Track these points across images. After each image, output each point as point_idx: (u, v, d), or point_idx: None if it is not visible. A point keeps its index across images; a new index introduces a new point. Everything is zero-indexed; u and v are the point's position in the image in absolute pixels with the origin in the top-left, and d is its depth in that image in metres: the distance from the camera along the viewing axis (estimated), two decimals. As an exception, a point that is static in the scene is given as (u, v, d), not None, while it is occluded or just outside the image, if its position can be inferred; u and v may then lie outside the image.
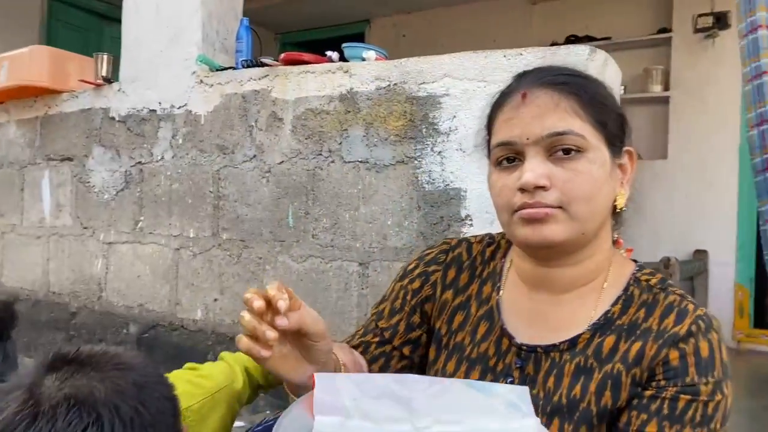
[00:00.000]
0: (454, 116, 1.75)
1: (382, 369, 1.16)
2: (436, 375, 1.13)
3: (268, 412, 1.90)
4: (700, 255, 4.76)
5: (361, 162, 1.91)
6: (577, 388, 0.97)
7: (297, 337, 0.89)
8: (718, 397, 0.90)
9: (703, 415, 0.89)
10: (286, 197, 2.08)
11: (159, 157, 2.44)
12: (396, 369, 1.17)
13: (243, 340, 0.82)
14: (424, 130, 1.80)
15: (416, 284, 1.17)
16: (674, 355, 0.92)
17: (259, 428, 1.08)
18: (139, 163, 2.51)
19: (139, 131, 2.52)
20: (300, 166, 2.05)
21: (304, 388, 0.90)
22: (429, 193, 1.78)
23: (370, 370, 1.14)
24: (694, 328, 0.92)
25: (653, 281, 1.01)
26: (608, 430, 0.96)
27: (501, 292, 1.11)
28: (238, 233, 2.19)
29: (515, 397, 0.79)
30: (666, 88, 4.84)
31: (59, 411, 0.70)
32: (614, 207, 1.02)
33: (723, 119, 4.55)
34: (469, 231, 1.70)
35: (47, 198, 2.85)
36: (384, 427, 0.75)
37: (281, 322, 0.82)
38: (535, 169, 0.93)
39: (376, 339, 1.16)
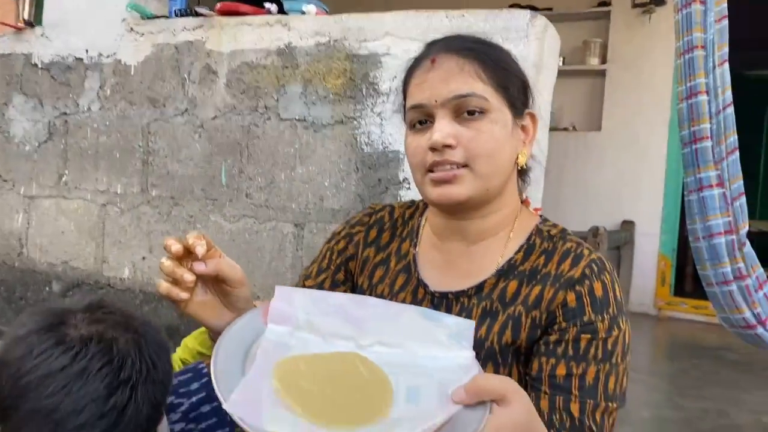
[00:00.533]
0: (395, 77, 1.72)
1: None
2: None
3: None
4: (628, 226, 4.94)
5: (298, 120, 1.87)
6: (483, 329, 1.04)
7: (216, 284, 0.93)
8: (615, 332, 0.97)
9: (603, 351, 0.96)
10: (219, 154, 2.01)
11: (85, 108, 2.31)
12: None
13: (162, 285, 0.88)
14: (364, 89, 1.77)
15: (341, 245, 1.24)
16: (571, 297, 0.99)
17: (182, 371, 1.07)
18: (64, 114, 2.37)
19: (64, 80, 2.38)
20: (234, 122, 1.98)
21: None
22: (367, 155, 1.76)
23: None
24: (587, 270, 0.99)
25: (554, 231, 1.10)
26: (519, 377, 1.00)
27: (417, 247, 1.19)
28: (168, 190, 2.12)
29: (459, 329, 0.84)
30: (603, 61, 4.94)
31: (86, 347, 0.82)
32: (520, 167, 1.09)
33: (657, 93, 4.68)
34: (407, 194, 1.70)
35: (-38, 148, 2.67)
36: (329, 341, 0.81)
37: (199, 267, 0.87)
38: (442, 129, 1.00)
39: None
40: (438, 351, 0.83)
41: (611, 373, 0.96)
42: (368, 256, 1.21)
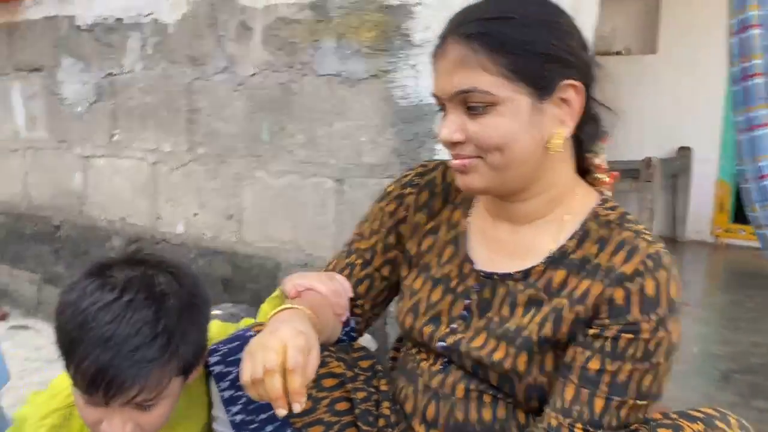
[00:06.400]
0: (428, 27, 1.69)
1: (368, 290, 1.24)
2: (405, 290, 1.20)
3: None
4: (684, 152, 4.78)
5: (334, 75, 1.87)
6: (526, 319, 1.03)
7: None
8: (661, 334, 0.93)
9: (644, 351, 0.93)
10: (260, 112, 2.04)
11: (129, 69, 2.37)
12: (379, 289, 1.25)
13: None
14: (397, 42, 1.75)
15: (392, 206, 1.24)
16: (619, 294, 0.95)
17: (230, 337, 1.14)
18: (110, 74, 2.44)
19: (108, 41, 2.43)
20: (272, 79, 2.00)
21: None
22: (403, 109, 1.76)
23: (357, 293, 1.24)
24: (641, 267, 0.94)
25: (612, 216, 1.03)
26: (555, 362, 1.01)
27: (469, 218, 1.17)
28: (214, 148, 2.18)
29: None
30: (659, -22, 4.66)
31: (130, 284, 0.94)
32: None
33: (716, 13, 4.41)
34: (443, 149, 1.69)
35: (20, 110, 2.79)
36: None
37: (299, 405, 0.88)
38: (449, 125, 0.98)
39: (359, 261, 1.25)
40: None
41: (648, 372, 0.93)
42: (419, 221, 1.22)
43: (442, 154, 1.71)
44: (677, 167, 4.37)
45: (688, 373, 2.35)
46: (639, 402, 0.94)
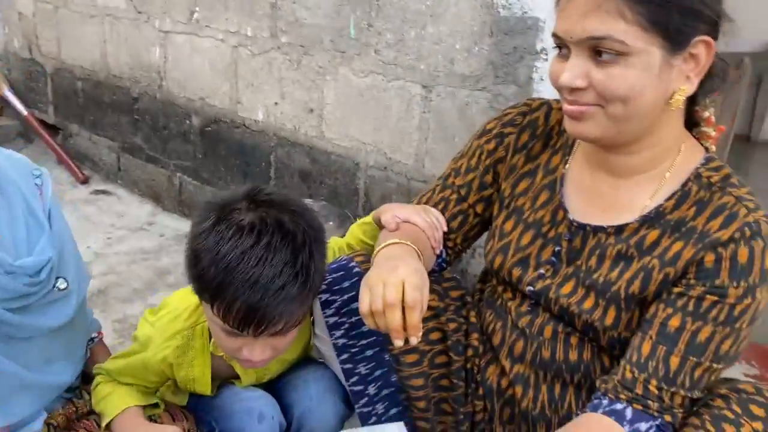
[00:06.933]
0: (540, -68, 1.56)
1: (461, 225, 1.28)
2: (495, 230, 1.22)
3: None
4: (778, 47, 4.46)
5: (431, -26, 1.76)
6: (615, 273, 1.06)
7: None
8: (748, 300, 0.94)
9: (728, 315, 0.94)
10: (348, 4, 1.96)
11: (210, -57, 2.27)
12: (471, 224, 1.29)
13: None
14: (505, -56, 1.62)
15: (491, 145, 1.24)
16: (710, 258, 0.96)
17: (333, 266, 1.21)
18: (191, -54, 2.35)
19: None
20: (364, -30, 1.90)
21: None
22: (504, 19, 1.67)
23: (450, 228, 1.28)
24: (737, 234, 0.94)
25: (715, 178, 1.02)
26: (641, 320, 1.04)
27: (567, 165, 1.17)
28: (298, 38, 2.12)
29: None
30: None
31: (265, 227, 1.01)
32: (675, 107, 0.98)
33: None
34: (544, 66, 1.63)
35: (96, -25, 2.74)
36: None
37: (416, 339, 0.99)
38: (572, 69, 0.95)
39: (454, 196, 1.27)
40: None
41: (729, 337, 0.94)
42: (516, 163, 1.22)
43: (542, 72, 1.65)
44: (765, 68, 4.08)
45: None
46: (714, 365, 0.96)
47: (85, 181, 3.06)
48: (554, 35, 0.99)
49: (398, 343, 0.97)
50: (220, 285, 0.99)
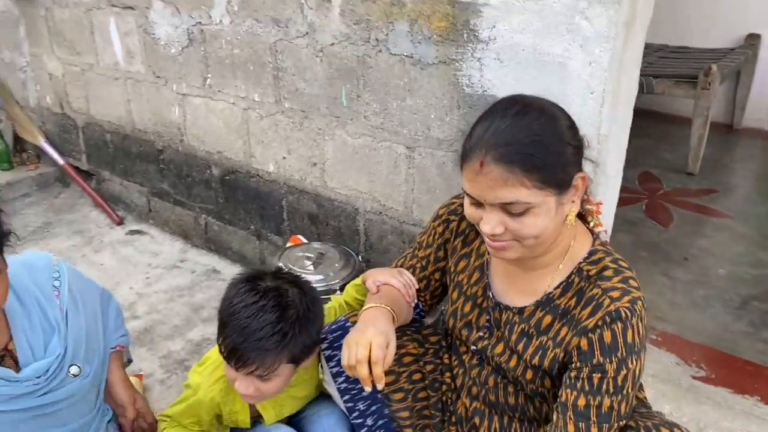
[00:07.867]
0: (494, 26, 1.87)
1: (426, 287, 1.62)
2: (448, 298, 1.58)
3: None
4: (753, 39, 4.73)
5: (406, 56, 2.08)
6: (520, 346, 1.35)
7: None
8: (624, 371, 1.17)
9: (614, 386, 1.18)
10: (339, 78, 2.29)
11: (218, 21, 2.60)
12: (435, 287, 1.62)
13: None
14: (465, 35, 1.94)
15: (441, 228, 1.59)
16: (584, 342, 1.21)
17: (333, 326, 1.56)
18: (200, 23, 2.67)
19: (195, -8, 2.63)
20: (350, 50, 2.22)
21: None
22: (468, 95, 1.99)
23: (419, 288, 1.61)
24: (600, 322, 1.19)
25: (592, 272, 1.27)
26: (551, 380, 1.31)
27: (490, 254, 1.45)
28: (299, 104, 2.46)
29: None
30: None
31: (268, 294, 1.41)
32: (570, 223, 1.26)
33: None
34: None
35: (117, 44, 3.07)
36: None
37: (380, 385, 1.28)
38: (490, 222, 1.20)
39: (419, 265, 1.61)
40: None
41: (623, 401, 1.19)
42: (457, 245, 1.55)
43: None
44: (738, 65, 4.33)
45: (709, 298, 2.57)
46: (620, 423, 1.20)
47: (120, 222, 3.43)
48: (467, 194, 1.22)
49: (367, 389, 1.31)
50: (223, 323, 1.41)
